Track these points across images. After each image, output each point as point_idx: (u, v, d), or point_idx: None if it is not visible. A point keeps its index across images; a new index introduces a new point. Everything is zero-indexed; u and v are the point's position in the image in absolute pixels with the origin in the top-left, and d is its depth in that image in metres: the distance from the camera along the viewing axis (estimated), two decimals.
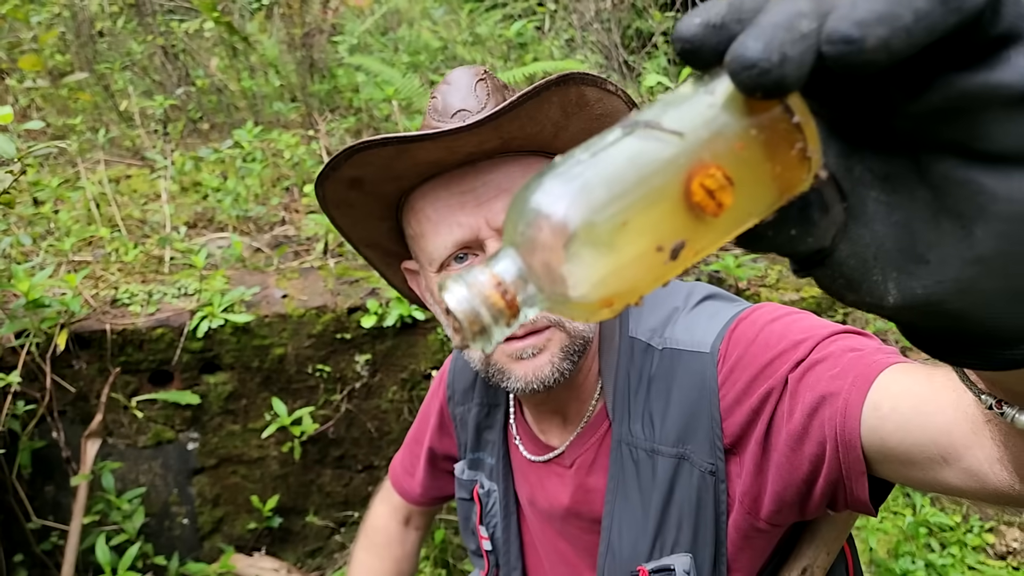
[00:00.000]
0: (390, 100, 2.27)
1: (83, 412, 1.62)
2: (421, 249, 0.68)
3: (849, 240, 0.25)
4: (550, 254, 0.23)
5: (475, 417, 0.85)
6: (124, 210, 2.10)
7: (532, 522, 0.81)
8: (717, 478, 0.63)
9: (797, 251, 0.25)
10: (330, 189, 0.67)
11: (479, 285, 0.25)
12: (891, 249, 0.24)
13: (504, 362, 0.65)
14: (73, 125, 2.44)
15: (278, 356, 1.70)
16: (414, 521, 1.04)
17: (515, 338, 0.64)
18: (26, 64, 2.20)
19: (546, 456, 0.77)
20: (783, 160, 0.24)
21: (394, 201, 0.69)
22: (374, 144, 0.59)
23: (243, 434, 1.74)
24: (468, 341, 0.26)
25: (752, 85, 0.20)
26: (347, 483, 1.86)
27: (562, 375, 0.65)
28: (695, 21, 0.22)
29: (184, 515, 1.74)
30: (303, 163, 2.21)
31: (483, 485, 0.84)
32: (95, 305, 1.64)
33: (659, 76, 2.18)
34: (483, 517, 0.84)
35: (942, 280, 0.23)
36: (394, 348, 1.78)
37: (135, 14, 2.77)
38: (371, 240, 0.76)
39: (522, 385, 0.65)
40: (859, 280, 0.25)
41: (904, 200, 0.24)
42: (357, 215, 0.71)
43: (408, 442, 1.00)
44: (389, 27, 3.02)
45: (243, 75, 2.70)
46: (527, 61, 2.59)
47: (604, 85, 0.62)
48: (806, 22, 0.20)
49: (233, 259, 1.88)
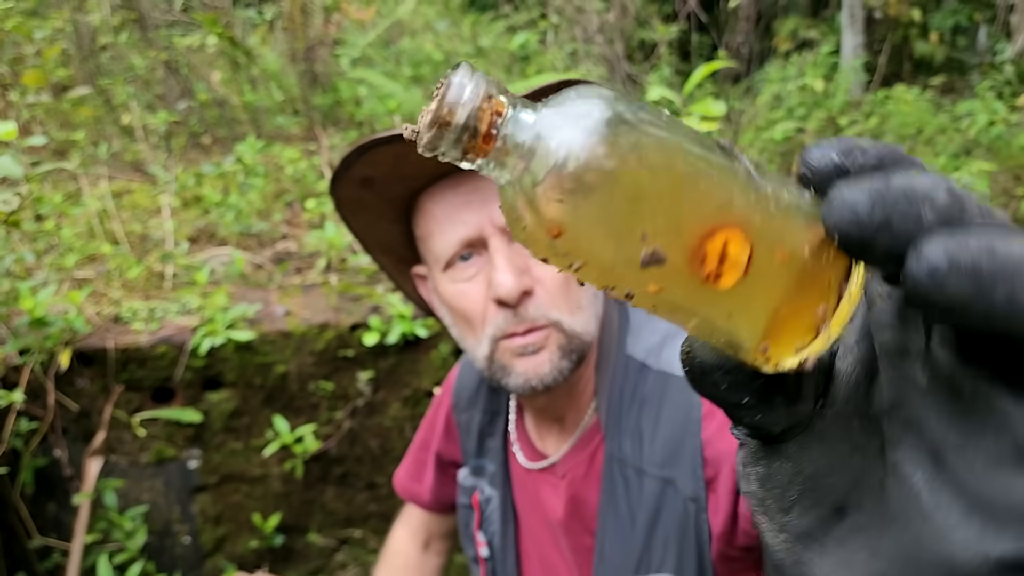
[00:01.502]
0: (392, 114, 2.27)
1: (85, 430, 1.62)
2: (429, 249, 0.70)
3: (797, 445, 0.23)
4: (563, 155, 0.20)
5: (478, 424, 0.86)
6: (126, 225, 2.10)
7: (529, 530, 0.81)
8: (699, 506, 0.64)
9: (732, 414, 0.23)
10: (344, 189, 0.69)
11: (484, 93, 0.22)
12: (821, 494, 0.22)
13: (506, 359, 0.67)
14: (75, 140, 2.44)
15: (280, 374, 1.70)
16: (434, 545, 1.04)
17: (516, 335, 0.65)
18: (30, 80, 2.20)
19: (541, 464, 0.78)
20: (799, 304, 0.21)
21: (404, 203, 0.71)
22: (384, 140, 0.61)
23: (245, 452, 1.74)
24: (424, 130, 0.22)
25: (835, 228, 0.19)
26: (349, 501, 1.85)
27: (561, 374, 0.66)
28: (829, 152, 0.20)
29: (186, 533, 1.73)
30: (305, 177, 2.22)
31: (483, 491, 0.85)
32: (98, 323, 1.64)
33: (663, 89, 2.18)
34: (481, 523, 0.85)
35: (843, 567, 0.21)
36: (397, 365, 1.77)
37: (137, 28, 2.78)
38: (384, 244, 0.78)
39: (522, 382, 0.66)
40: (772, 487, 0.23)
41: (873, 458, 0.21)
42: (370, 217, 0.73)
43: (413, 450, 1.02)
44: (391, 39, 3.03)
45: (245, 89, 2.71)
46: (530, 74, 2.60)
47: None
48: (930, 211, 0.18)
49: (235, 275, 1.88)
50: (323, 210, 2.16)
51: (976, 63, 5.39)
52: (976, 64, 5.37)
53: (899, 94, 3.58)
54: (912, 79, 5.19)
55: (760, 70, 4.16)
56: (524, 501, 0.81)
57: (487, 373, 0.69)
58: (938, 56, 5.40)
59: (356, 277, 1.92)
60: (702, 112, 1.96)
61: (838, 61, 4.49)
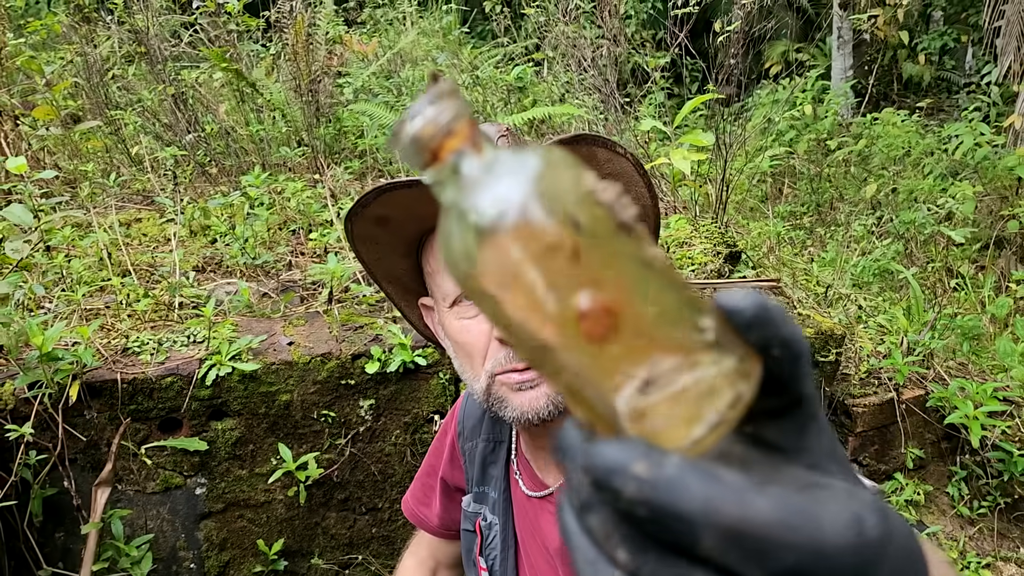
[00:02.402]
0: None
1: (93, 460, 1.66)
2: (437, 285, 0.73)
3: None
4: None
5: (481, 452, 0.89)
6: (134, 255, 2.16)
7: (528, 556, 0.84)
8: None
9: None
10: (359, 225, 0.72)
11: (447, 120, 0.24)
12: None
13: (503, 392, 0.69)
14: (85, 170, 2.51)
15: (284, 402, 1.74)
16: (441, 575, 1.07)
17: (515, 371, 0.68)
18: (40, 114, 2.27)
19: (542, 492, 0.81)
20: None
21: (415, 240, 0.75)
22: (401, 185, 0.65)
23: (250, 479, 1.77)
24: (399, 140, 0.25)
25: None
26: (351, 525, 1.89)
27: (556, 408, 0.68)
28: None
29: (191, 560, 1.77)
30: (309, 208, 2.27)
31: (486, 518, 0.87)
32: (106, 354, 1.68)
33: (654, 121, 2.24)
34: (483, 548, 0.87)
35: None
36: (397, 393, 1.82)
37: (145, 61, 2.85)
38: (392, 276, 0.81)
39: (518, 415, 0.68)
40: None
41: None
42: (382, 251, 0.76)
43: (420, 475, 1.04)
44: (393, 70, 3.11)
45: (250, 120, 2.78)
46: (527, 104, 2.67)
47: (614, 148, 0.67)
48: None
49: (241, 306, 1.93)
50: (326, 240, 2.21)
51: (964, 83, 5.48)
52: (964, 84, 5.46)
53: (887, 117, 3.66)
54: (901, 100, 5.28)
55: (751, 94, 4.25)
56: (524, 528, 0.84)
57: (485, 405, 0.72)
58: (926, 77, 5.49)
59: (358, 307, 1.97)
60: (691, 142, 2.02)
61: (828, 84, 4.58)
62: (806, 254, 2.88)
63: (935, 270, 2.85)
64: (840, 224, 3.06)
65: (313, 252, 2.23)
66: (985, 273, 2.96)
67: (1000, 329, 2.67)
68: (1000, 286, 2.90)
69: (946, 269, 2.88)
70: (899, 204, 3.06)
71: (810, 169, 3.48)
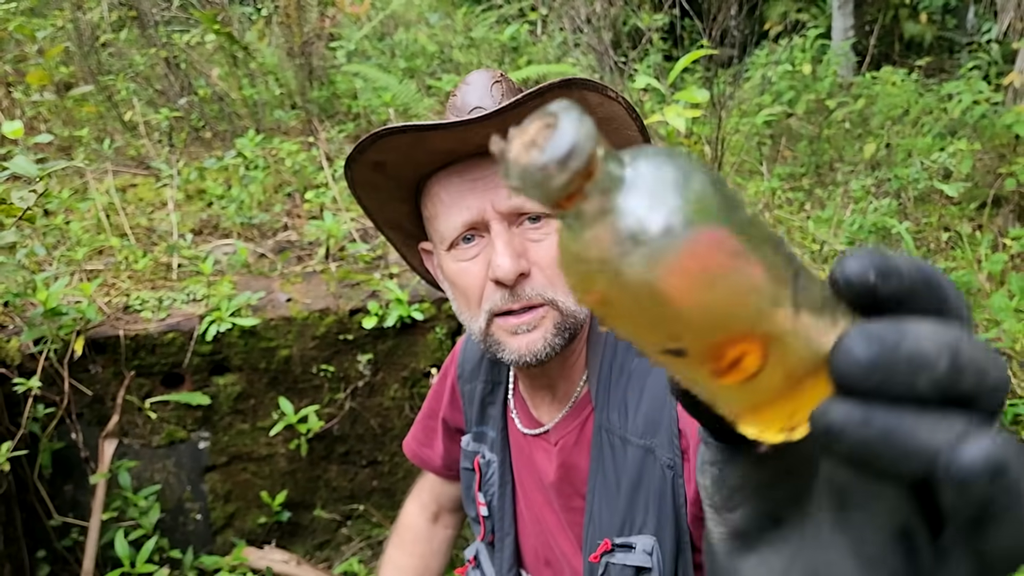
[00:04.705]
0: (387, 106, 2.33)
1: (100, 414, 1.70)
2: (435, 229, 0.75)
3: (752, 458, 0.26)
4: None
5: (480, 393, 0.92)
6: (132, 219, 2.17)
7: (524, 491, 0.87)
8: (675, 472, 0.69)
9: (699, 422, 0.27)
10: (357, 171, 0.74)
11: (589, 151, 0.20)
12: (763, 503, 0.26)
13: (501, 336, 0.71)
14: (79, 136, 2.51)
15: (284, 357, 1.78)
16: (443, 519, 1.10)
17: (512, 313, 0.70)
18: (34, 79, 2.27)
19: (536, 430, 0.84)
20: (783, 405, 0.23)
21: (413, 185, 0.77)
22: (396, 131, 0.67)
23: (252, 433, 1.82)
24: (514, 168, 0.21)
25: (835, 374, 0.21)
26: (352, 478, 1.94)
27: (553, 350, 0.70)
28: (866, 269, 0.22)
29: (197, 511, 1.82)
30: (304, 170, 2.28)
31: (484, 456, 0.90)
32: (108, 312, 1.71)
33: (649, 78, 2.23)
34: (481, 485, 0.90)
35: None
36: (395, 348, 1.85)
37: (137, 25, 2.83)
38: (394, 222, 0.84)
39: (516, 357, 0.70)
40: (722, 488, 0.27)
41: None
42: (382, 197, 0.79)
43: (421, 418, 1.07)
44: (386, 32, 3.08)
45: (244, 83, 2.76)
46: (521, 64, 2.65)
47: (605, 91, 0.68)
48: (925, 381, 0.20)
49: (239, 265, 1.95)
50: (322, 200, 2.22)
51: (965, 43, 5.40)
52: (965, 44, 5.39)
53: (886, 76, 3.62)
54: (902, 60, 5.21)
55: (750, 55, 4.20)
56: (521, 465, 0.87)
57: (483, 345, 0.74)
58: (927, 36, 5.42)
59: (355, 264, 1.99)
60: (686, 99, 2.01)
61: (828, 44, 4.52)
62: (803, 214, 2.88)
63: (931, 227, 2.86)
64: (839, 184, 3.06)
65: (309, 214, 2.25)
66: (982, 231, 2.96)
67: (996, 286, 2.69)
68: (997, 244, 2.90)
69: (943, 227, 2.88)
70: (896, 163, 3.05)
71: (809, 130, 3.46)
